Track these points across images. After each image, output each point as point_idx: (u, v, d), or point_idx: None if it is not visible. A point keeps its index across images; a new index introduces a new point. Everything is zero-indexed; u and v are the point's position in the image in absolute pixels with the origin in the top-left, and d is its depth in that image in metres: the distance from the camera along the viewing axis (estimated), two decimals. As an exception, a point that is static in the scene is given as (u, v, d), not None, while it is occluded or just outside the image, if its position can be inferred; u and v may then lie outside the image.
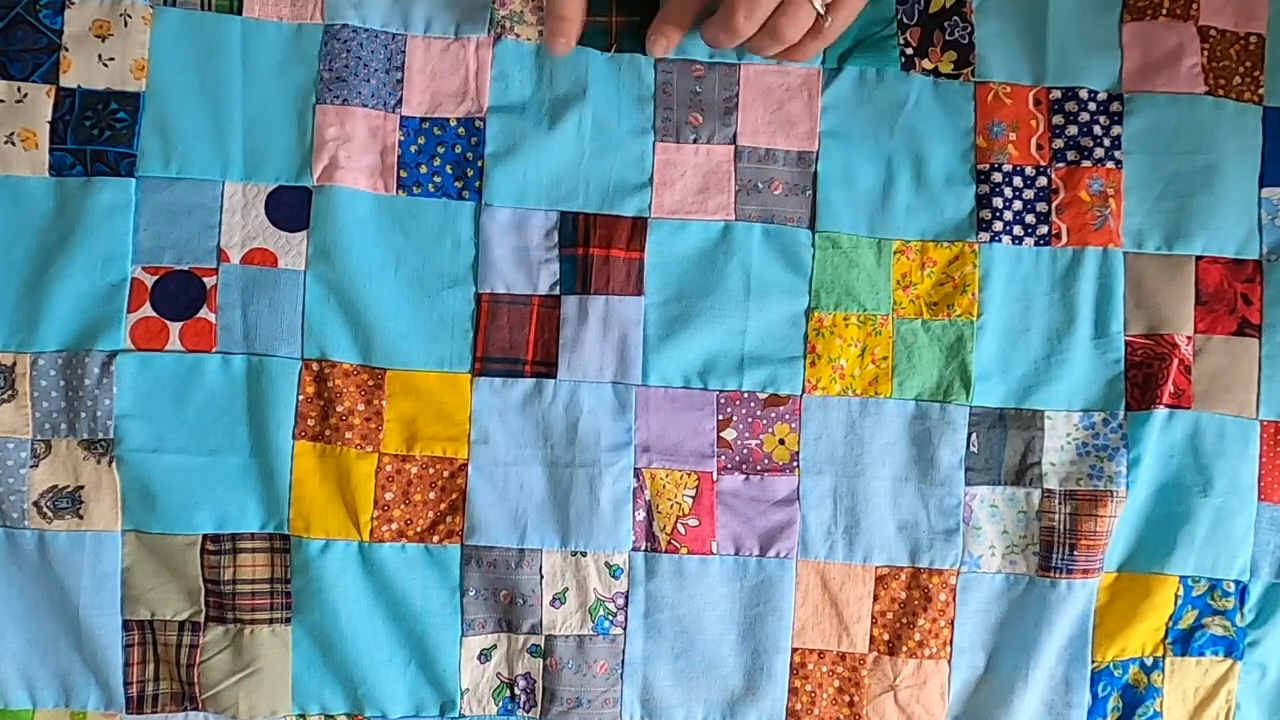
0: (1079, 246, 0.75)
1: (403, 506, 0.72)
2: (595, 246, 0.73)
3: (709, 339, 0.74)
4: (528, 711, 0.74)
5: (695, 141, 0.75)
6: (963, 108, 0.76)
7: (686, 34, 0.73)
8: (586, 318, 0.73)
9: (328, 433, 0.72)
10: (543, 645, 0.74)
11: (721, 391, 0.74)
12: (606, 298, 0.73)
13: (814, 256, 0.74)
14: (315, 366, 0.72)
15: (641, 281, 0.74)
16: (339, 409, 0.72)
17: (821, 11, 0.70)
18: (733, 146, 0.75)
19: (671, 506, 0.74)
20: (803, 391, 0.74)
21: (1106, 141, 0.76)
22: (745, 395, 0.74)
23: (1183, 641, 0.76)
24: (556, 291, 0.73)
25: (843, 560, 0.74)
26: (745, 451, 0.74)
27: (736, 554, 0.74)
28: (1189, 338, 0.75)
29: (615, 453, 0.73)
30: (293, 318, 0.72)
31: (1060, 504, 0.74)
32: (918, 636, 0.74)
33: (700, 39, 0.73)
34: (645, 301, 0.74)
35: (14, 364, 0.71)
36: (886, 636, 0.75)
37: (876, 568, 0.75)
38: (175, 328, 0.72)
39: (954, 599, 0.75)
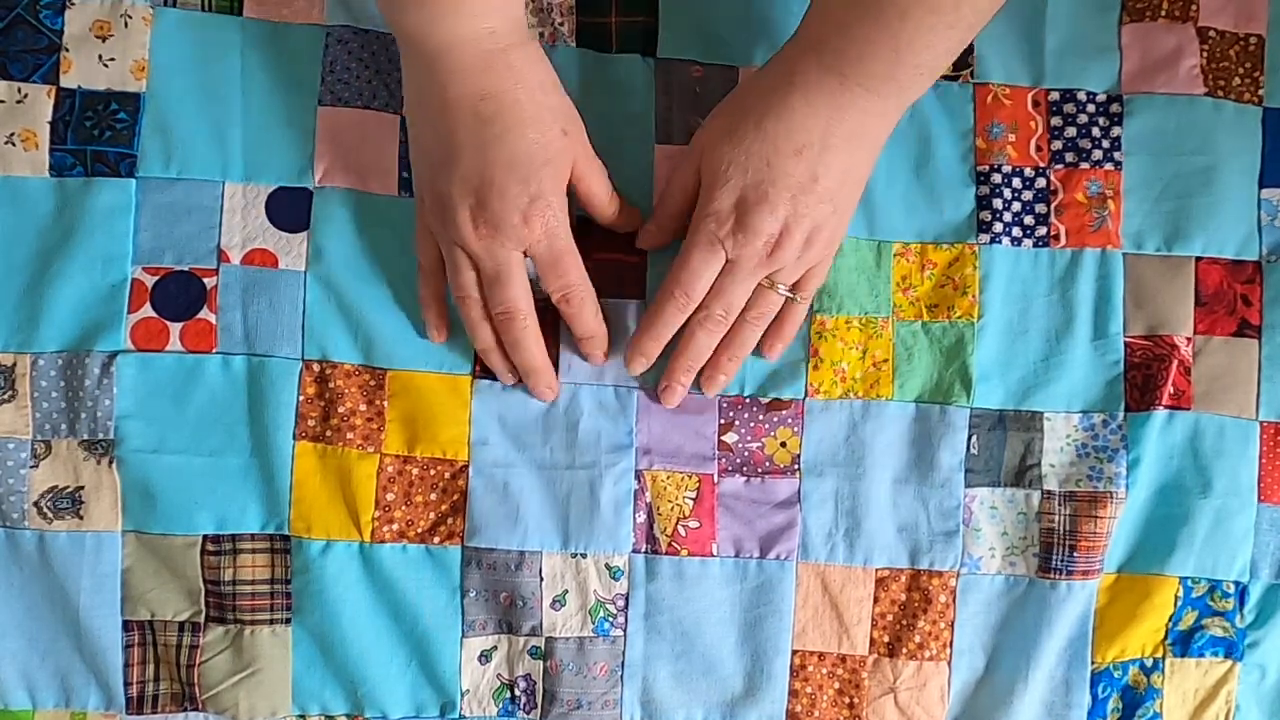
0: (1078, 248, 0.75)
1: (404, 507, 0.72)
2: (596, 248, 0.73)
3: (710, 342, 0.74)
4: (528, 713, 0.74)
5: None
6: (962, 109, 0.76)
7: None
8: (587, 321, 0.73)
9: (329, 433, 0.72)
10: (543, 647, 0.74)
11: (723, 395, 0.74)
12: (607, 300, 0.73)
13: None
14: (316, 367, 0.72)
15: (643, 284, 0.74)
16: (340, 410, 0.72)
17: (787, 295, 0.71)
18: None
19: (672, 508, 0.74)
20: (805, 395, 0.74)
21: (1105, 143, 0.76)
22: (747, 400, 0.74)
23: (1182, 642, 0.76)
24: (557, 293, 0.74)
25: (843, 562, 0.74)
26: (746, 454, 0.74)
27: (737, 556, 0.74)
28: (1188, 339, 0.75)
29: (616, 454, 0.73)
30: (293, 318, 0.72)
31: (1060, 505, 0.74)
32: (918, 638, 0.74)
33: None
34: (645, 304, 0.74)
35: (14, 364, 0.71)
36: (886, 638, 0.75)
37: (876, 570, 0.75)
38: (175, 328, 0.72)
39: (954, 601, 0.75)
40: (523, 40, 0.66)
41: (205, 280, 0.72)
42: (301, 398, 0.72)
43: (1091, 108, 0.76)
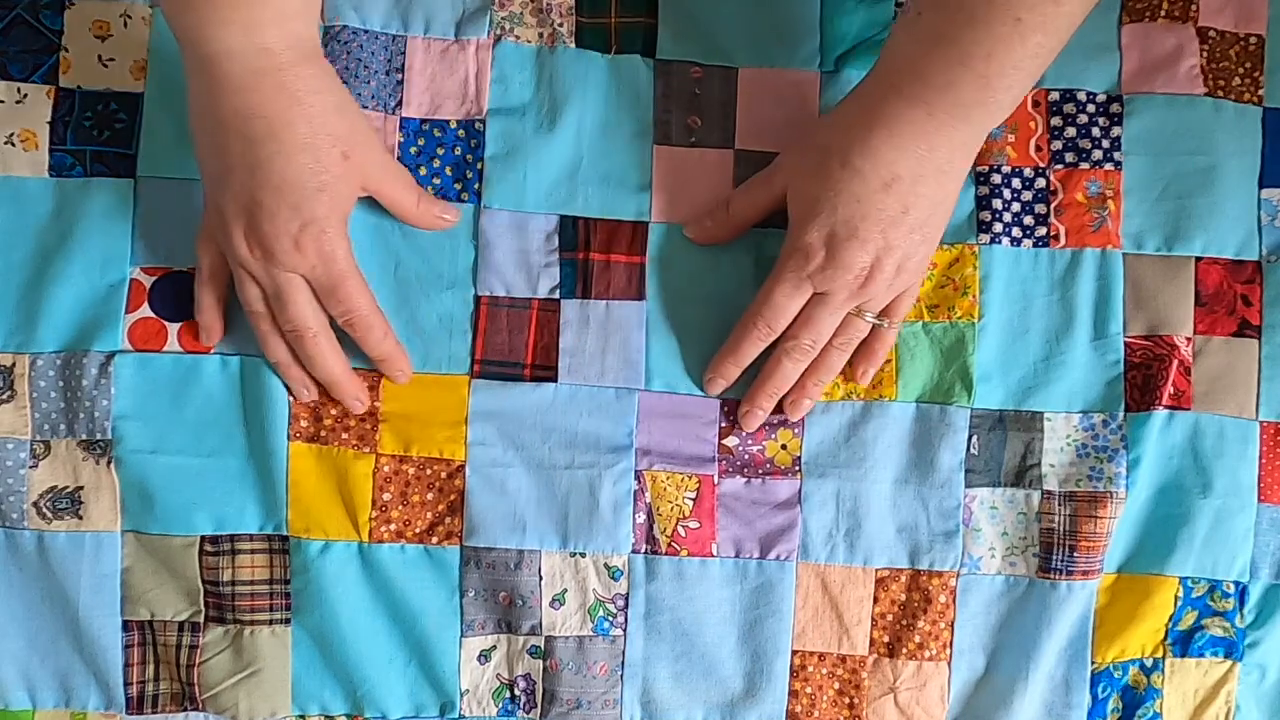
0: (1078, 248, 0.75)
1: (401, 507, 0.72)
2: (596, 251, 0.73)
3: (712, 346, 0.74)
4: (527, 712, 0.74)
5: (694, 144, 0.74)
6: (963, 109, 0.76)
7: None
8: (587, 322, 0.73)
9: (323, 434, 0.72)
10: (542, 646, 0.74)
11: (724, 398, 0.74)
12: (608, 302, 0.73)
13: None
14: (311, 368, 0.72)
15: (643, 286, 0.74)
16: (334, 410, 0.72)
17: (876, 322, 0.71)
18: (732, 150, 0.75)
19: (672, 509, 0.74)
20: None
21: (1105, 143, 0.76)
22: (749, 402, 0.74)
23: (1182, 642, 0.76)
24: (556, 295, 0.73)
25: (843, 563, 0.74)
26: (747, 457, 0.74)
27: (737, 556, 0.74)
28: (1188, 339, 0.75)
29: (615, 455, 0.73)
30: (290, 319, 0.72)
31: (1060, 505, 0.74)
32: (918, 638, 0.74)
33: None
34: (646, 306, 0.74)
35: (13, 364, 0.71)
36: (886, 638, 0.75)
37: (876, 570, 0.75)
38: (173, 329, 0.72)
39: (954, 601, 0.75)
40: (304, 59, 0.63)
41: (204, 280, 0.72)
42: (294, 399, 0.72)
43: (1091, 108, 0.76)
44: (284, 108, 0.63)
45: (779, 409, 0.73)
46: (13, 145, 0.71)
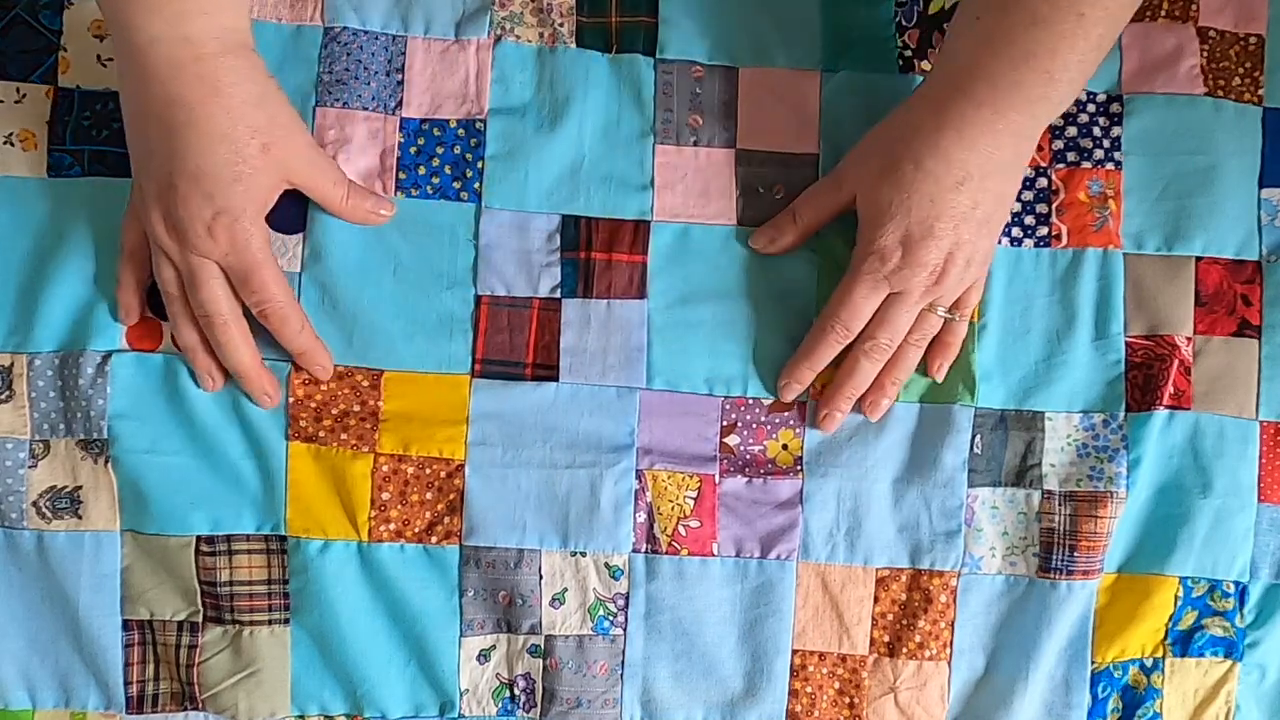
0: (1079, 248, 0.75)
1: (400, 507, 0.72)
2: (597, 250, 0.73)
3: (713, 344, 0.74)
4: (527, 712, 0.74)
5: (696, 144, 0.74)
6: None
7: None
8: (588, 321, 0.73)
9: (322, 434, 0.72)
10: (542, 645, 0.74)
11: (726, 397, 0.74)
12: (609, 301, 0.73)
13: (816, 262, 0.74)
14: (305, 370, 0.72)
15: (644, 285, 0.74)
16: (333, 410, 0.72)
17: (947, 315, 0.72)
18: (733, 150, 0.75)
19: (673, 508, 0.74)
20: (808, 397, 0.74)
21: (1106, 143, 0.76)
22: (750, 401, 0.74)
23: (1182, 642, 0.76)
24: (557, 294, 0.73)
25: (843, 562, 0.74)
26: (748, 456, 0.74)
27: (737, 556, 0.74)
28: (1189, 339, 0.75)
29: (616, 454, 0.73)
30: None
31: (1060, 505, 0.74)
32: (918, 638, 0.74)
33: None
34: (648, 305, 0.74)
35: (11, 364, 0.71)
36: (887, 638, 0.75)
37: (877, 569, 0.75)
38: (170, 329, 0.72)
39: (954, 600, 0.75)
40: (228, 50, 0.64)
41: (202, 280, 0.72)
42: (291, 399, 0.72)
43: (1092, 107, 0.76)
44: (204, 98, 0.63)
45: (856, 407, 0.74)
46: (11, 145, 0.71)
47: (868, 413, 0.73)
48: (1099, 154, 0.75)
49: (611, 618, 0.74)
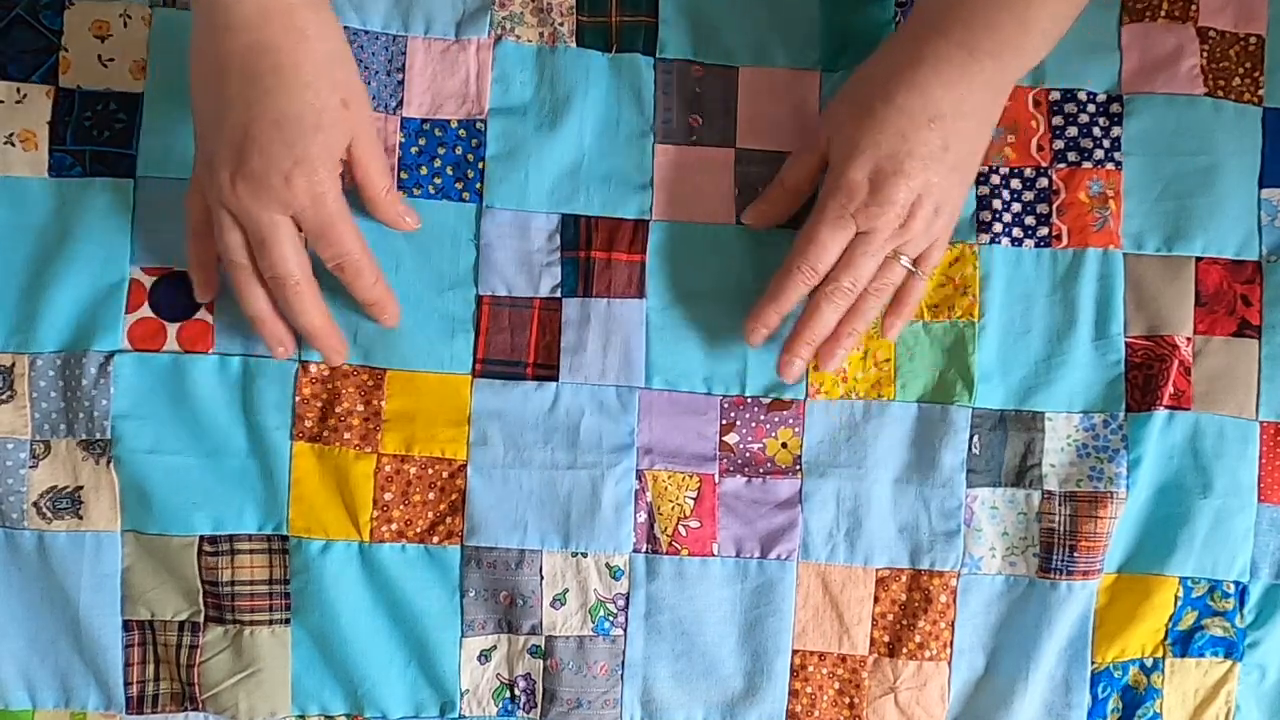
0: (1079, 248, 0.75)
1: (402, 507, 0.72)
2: (597, 249, 0.73)
3: (712, 343, 0.74)
4: (528, 712, 0.74)
5: (695, 143, 0.74)
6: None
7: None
8: (588, 320, 0.73)
9: (325, 434, 0.72)
10: (543, 646, 0.74)
11: (725, 396, 0.74)
12: (608, 300, 0.73)
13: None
14: (312, 368, 0.72)
15: (643, 284, 0.74)
16: (337, 410, 0.72)
17: (910, 269, 0.71)
18: (733, 149, 0.75)
19: (673, 508, 0.74)
20: (806, 396, 0.74)
21: (1106, 143, 0.76)
22: (749, 400, 0.74)
23: (1182, 643, 0.76)
24: (558, 294, 0.73)
25: (843, 562, 0.74)
26: (748, 455, 0.74)
27: (737, 556, 0.74)
28: (1189, 339, 0.75)
29: (617, 454, 0.73)
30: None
31: (1060, 505, 0.74)
32: (918, 638, 0.74)
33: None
34: (647, 304, 0.74)
35: (13, 364, 0.71)
36: (887, 638, 0.75)
37: (877, 570, 0.75)
38: (173, 328, 0.72)
39: (954, 601, 0.75)
40: (314, 4, 0.64)
41: (203, 280, 0.72)
42: (298, 398, 0.72)
43: (1092, 107, 0.76)
44: (293, 44, 0.63)
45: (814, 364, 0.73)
46: (12, 145, 0.71)
47: (821, 363, 0.72)
48: (1099, 154, 0.75)
49: (612, 618, 0.74)
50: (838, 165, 0.69)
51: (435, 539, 0.73)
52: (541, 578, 0.73)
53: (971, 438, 0.74)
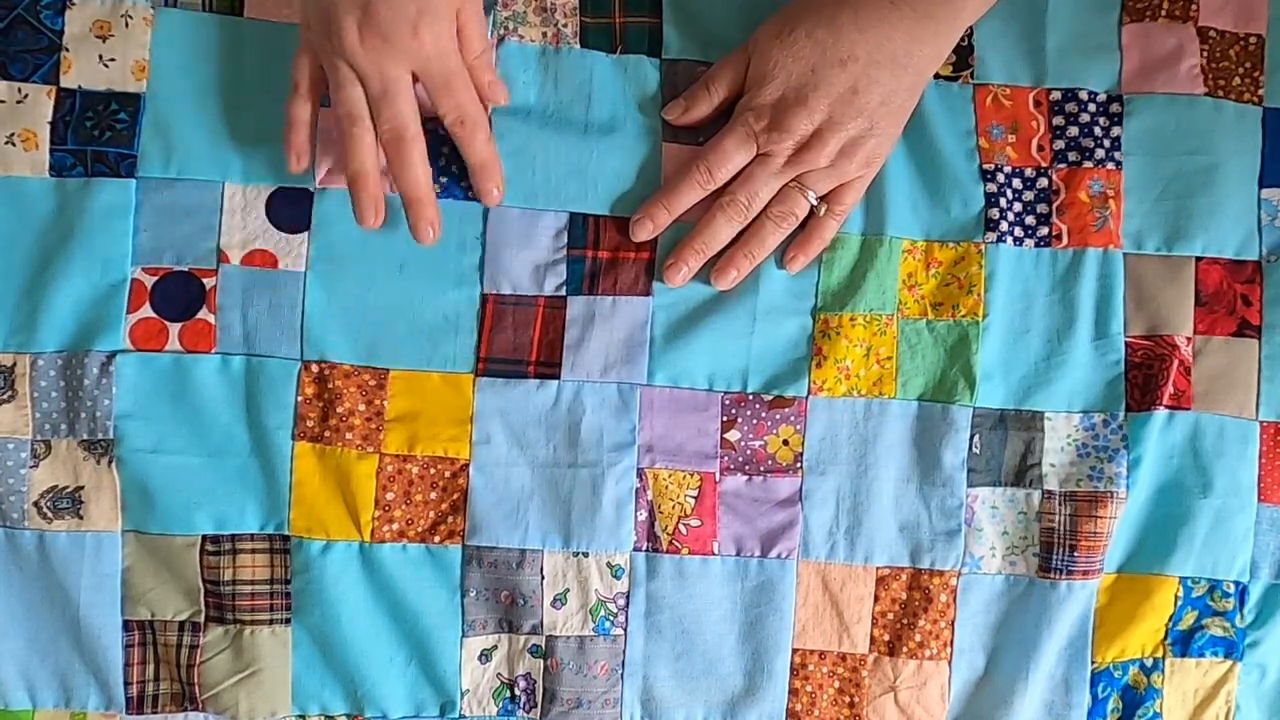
0: (1079, 248, 0.75)
1: (404, 507, 0.72)
2: (604, 248, 0.73)
3: (715, 340, 0.74)
4: (528, 712, 0.74)
5: (701, 142, 0.74)
6: (963, 109, 0.76)
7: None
8: (592, 318, 0.73)
9: (328, 434, 0.72)
10: (543, 646, 0.74)
11: (726, 393, 0.74)
12: (614, 298, 0.73)
13: (821, 257, 0.74)
14: (315, 368, 0.72)
15: (650, 282, 0.74)
16: (339, 410, 0.72)
17: (815, 204, 0.72)
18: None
19: (673, 507, 0.74)
20: (808, 393, 0.74)
21: (1106, 143, 0.76)
22: (750, 397, 0.74)
23: (1182, 642, 0.76)
24: (562, 292, 0.73)
25: (844, 561, 0.74)
26: (749, 452, 0.74)
27: (738, 554, 0.74)
28: (1189, 339, 0.75)
29: (618, 453, 0.73)
30: (292, 319, 0.72)
31: (1060, 505, 0.74)
32: (918, 637, 0.74)
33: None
34: (653, 302, 0.74)
35: (14, 364, 0.71)
36: (887, 637, 0.75)
37: (877, 568, 0.75)
38: (174, 328, 0.72)
39: (954, 600, 0.75)
40: None
41: (205, 280, 0.72)
42: (300, 398, 0.72)
43: (1092, 107, 0.76)
44: None
45: (707, 275, 0.73)
46: (13, 145, 0.71)
47: (715, 280, 0.73)
48: (1099, 154, 0.76)
49: (612, 618, 0.74)
50: (753, 84, 0.71)
51: (436, 539, 0.73)
52: (542, 577, 0.73)
53: (972, 437, 0.74)
